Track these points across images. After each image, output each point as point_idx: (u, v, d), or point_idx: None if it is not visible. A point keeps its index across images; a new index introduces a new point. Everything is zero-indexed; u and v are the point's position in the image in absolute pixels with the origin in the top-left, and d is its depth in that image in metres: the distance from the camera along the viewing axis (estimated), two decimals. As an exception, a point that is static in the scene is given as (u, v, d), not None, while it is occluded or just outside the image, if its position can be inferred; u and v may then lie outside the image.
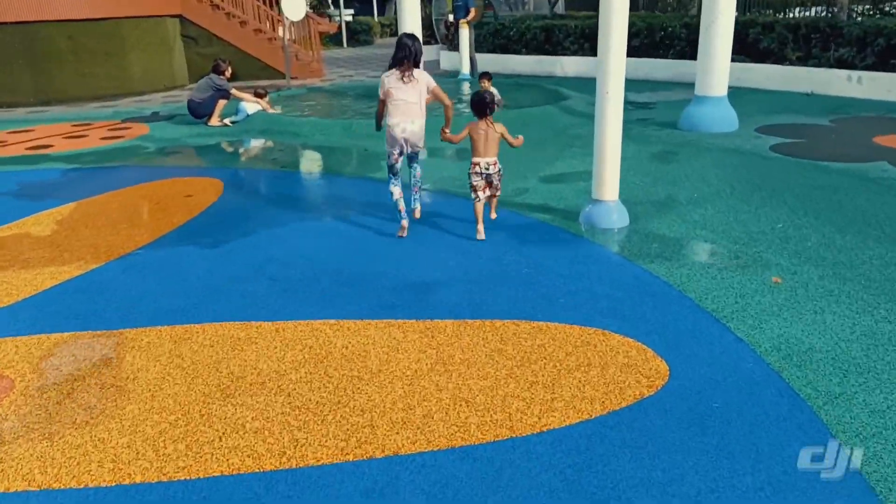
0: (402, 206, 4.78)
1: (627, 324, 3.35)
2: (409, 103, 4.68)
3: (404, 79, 4.70)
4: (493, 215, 5.04)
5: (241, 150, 7.95)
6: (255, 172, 6.87)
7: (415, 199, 5.09)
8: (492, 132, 4.71)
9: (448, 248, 4.47)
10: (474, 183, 4.69)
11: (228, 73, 9.29)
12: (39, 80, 12.26)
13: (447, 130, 4.86)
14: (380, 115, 4.88)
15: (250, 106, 9.48)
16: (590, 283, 3.85)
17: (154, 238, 4.84)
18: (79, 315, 3.64)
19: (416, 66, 4.79)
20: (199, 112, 9.21)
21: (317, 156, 7.58)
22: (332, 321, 3.48)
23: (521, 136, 4.88)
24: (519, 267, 4.12)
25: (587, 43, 13.93)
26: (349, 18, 27.94)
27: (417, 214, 5.06)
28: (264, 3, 15.14)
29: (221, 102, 9.22)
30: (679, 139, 7.67)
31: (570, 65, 14.01)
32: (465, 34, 13.10)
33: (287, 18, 12.80)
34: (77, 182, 6.53)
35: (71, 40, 12.43)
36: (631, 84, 12.36)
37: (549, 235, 4.70)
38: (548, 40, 14.50)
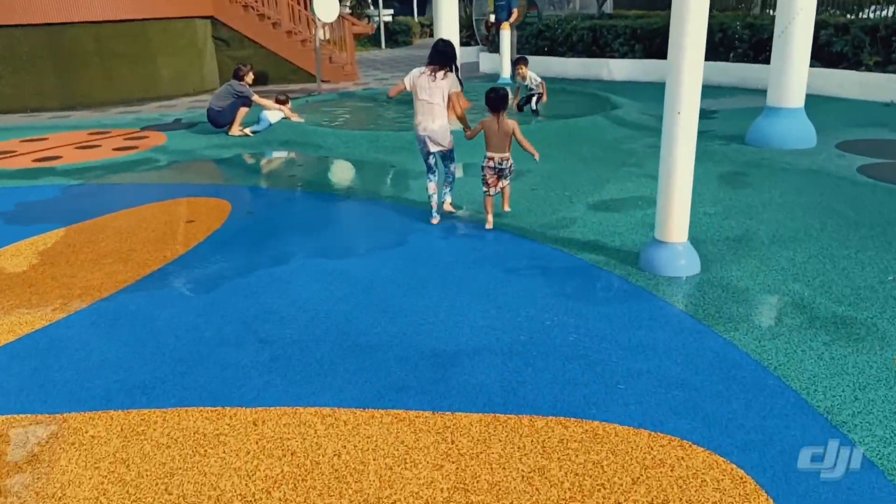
0: (434, 202, 5.11)
1: (713, 429, 2.51)
2: (431, 104, 4.89)
3: (431, 79, 4.87)
4: (507, 208, 5.22)
5: (257, 165, 7.29)
6: (268, 193, 6.19)
7: (444, 194, 5.29)
8: (504, 128, 4.80)
9: (478, 299, 3.68)
10: (487, 177, 4.89)
11: (250, 78, 8.66)
12: (65, 83, 11.88)
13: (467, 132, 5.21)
14: (395, 91, 5.14)
15: (273, 114, 8.84)
16: (657, 359, 3.02)
17: (138, 278, 4.17)
18: (22, 388, 2.96)
19: (450, 71, 4.96)
20: (218, 121, 8.61)
21: (338, 173, 6.87)
22: (326, 409, 2.73)
23: (537, 154, 4.95)
24: (565, 331, 3.30)
25: (638, 44, 12.97)
26: (388, 18, 27.34)
27: (447, 207, 5.25)
28: (298, 2, 14.58)
29: (242, 110, 8.60)
30: (750, 157, 6.73)
31: (619, 68, 13.07)
32: (506, 36, 12.28)
33: (319, 19, 12.17)
34: (75, 202, 5.94)
35: (97, 42, 12.02)
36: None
37: (601, 285, 3.87)
38: (595, 42, 13.57)
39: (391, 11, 28.50)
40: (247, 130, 8.57)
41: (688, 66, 3.74)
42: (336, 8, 12.33)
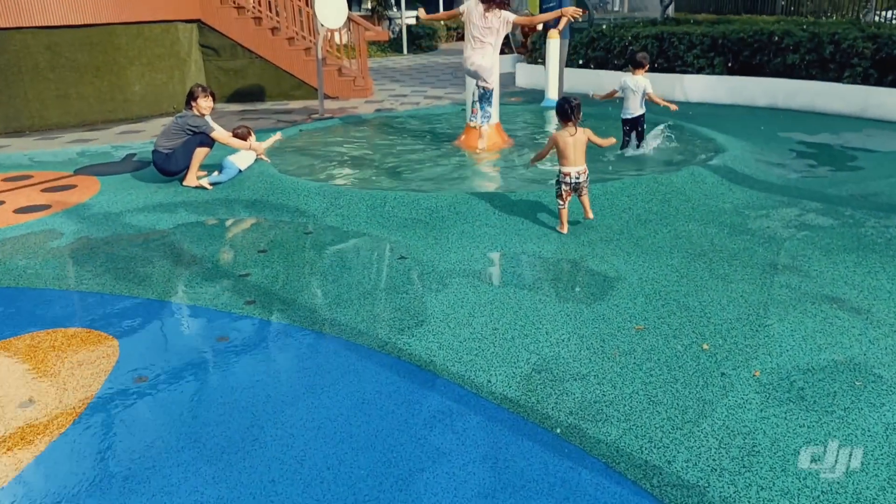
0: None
1: None
2: (482, 42, 5.22)
3: (486, 16, 5.13)
4: (590, 215, 4.87)
5: (198, 250, 4.89)
6: (194, 317, 3.77)
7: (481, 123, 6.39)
8: (579, 138, 4.67)
9: None
10: (563, 192, 4.73)
11: (209, 106, 6.28)
12: (8, 102, 9.63)
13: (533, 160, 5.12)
14: (433, 17, 5.88)
15: (243, 157, 6.46)
16: None
17: None
18: None
19: (503, 7, 5.45)
20: (167, 167, 6.24)
21: (316, 273, 4.44)
22: None
23: (611, 138, 4.93)
24: None
25: (718, 57, 10.37)
26: (411, 21, 24.95)
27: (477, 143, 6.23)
28: (304, 3, 12.23)
29: (200, 152, 6.23)
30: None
31: (694, 85, 10.49)
32: (554, 47, 9.77)
33: (322, 24, 9.79)
34: None
35: (51, 52, 9.76)
36: (786, 116, 8.74)
37: None
38: (661, 52, 11.01)
39: (415, 13, 26.10)
40: (205, 182, 6.18)
41: None
42: (344, 10, 9.94)
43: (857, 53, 8.84)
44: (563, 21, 9.73)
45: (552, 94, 10.00)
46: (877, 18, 11.66)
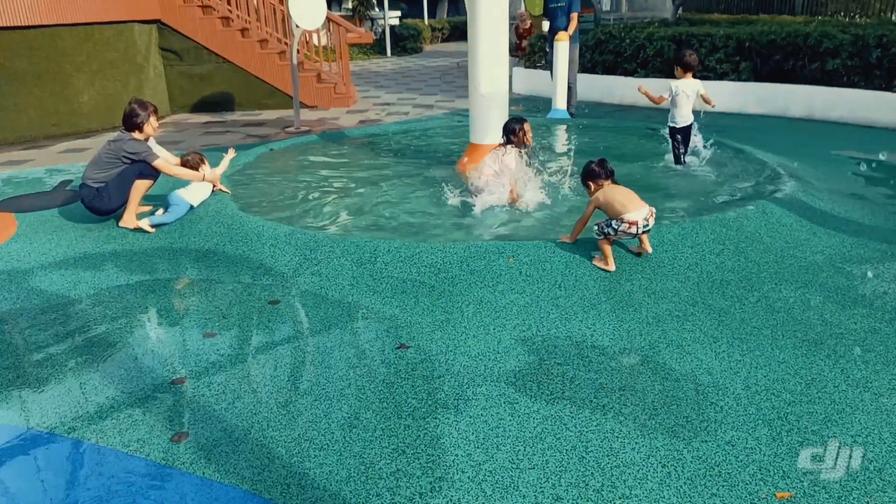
0: None
1: None
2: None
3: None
4: (650, 249, 4.00)
5: (115, 332, 3.61)
6: (91, 464, 2.51)
7: None
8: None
9: None
10: (617, 237, 3.86)
11: (152, 127, 4.99)
12: (-68, 117, 8.27)
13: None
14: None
15: (194, 191, 5.18)
16: None
17: None
18: None
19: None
20: (98, 205, 4.94)
21: (275, 383, 3.18)
22: None
23: None
24: None
25: (746, 62, 9.24)
26: (395, 22, 23.69)
27: None
28: (279, 1, 10.95)
29: (140, 186, 4.94)
30: None
31: (720, 93, 9.28)
32: (563, 50, 8.57)
33: (297, 25, 8.52)
34: None
35: (-18, 58, 8.41)
36: (828, 129, 7.61)
37: None
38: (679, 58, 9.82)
39: (398, 13, 24.86)
40: (146, 223, 4.88)
41: None
42: (322, 10, 8.69)
43: (912, 58, 7.74)
44: (573, 24, 8.58)
45: (560, 104, 8.80)
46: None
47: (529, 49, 12.35)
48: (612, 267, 3.87)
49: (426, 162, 6.67)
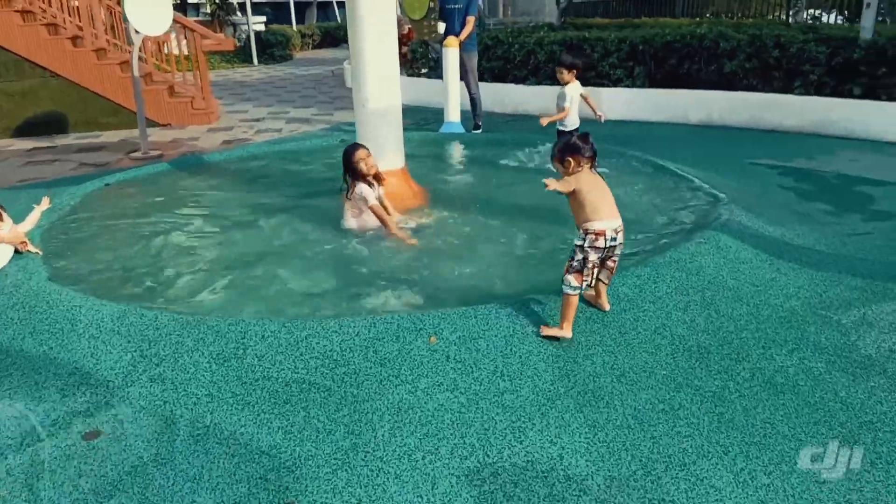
0: None
1: None
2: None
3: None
4: (607, 306, 3.19)
5: None
6: None
7: None
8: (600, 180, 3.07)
9: None
10: (588, 265, 2.93)
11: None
12: None
13: None
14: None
15: (-14, 257, 3.78)
16: None
17: None
18: None
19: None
20: None
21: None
22: None
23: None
24: None
25: (639, 67, 8.80)
26: (260, 28, 22.07)
27: None
28: (117, 2, 9.34)
29: None
30: None
31: (615, 100, 8.80)
32: (453, 57, 7.69)
33: (136, 31, 7.08)
34: None
35: None
36: (732, 136, 7.25)
37: None
38: (572, 62, 9.27)
39: (263, 19, 23.24)
40: None
41: None
42: (167, 13, 7.30)
43: (810, 59, 7.52)
44: (468, 28, 7.75)
45: (454, 116, 7.92)
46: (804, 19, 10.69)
47: (411, 56, 11.43)
48: (568, 333, 2.99)
49: (307, 192, 5.53)
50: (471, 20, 7.70)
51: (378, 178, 4.51)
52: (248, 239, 4.50)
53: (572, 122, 5.69)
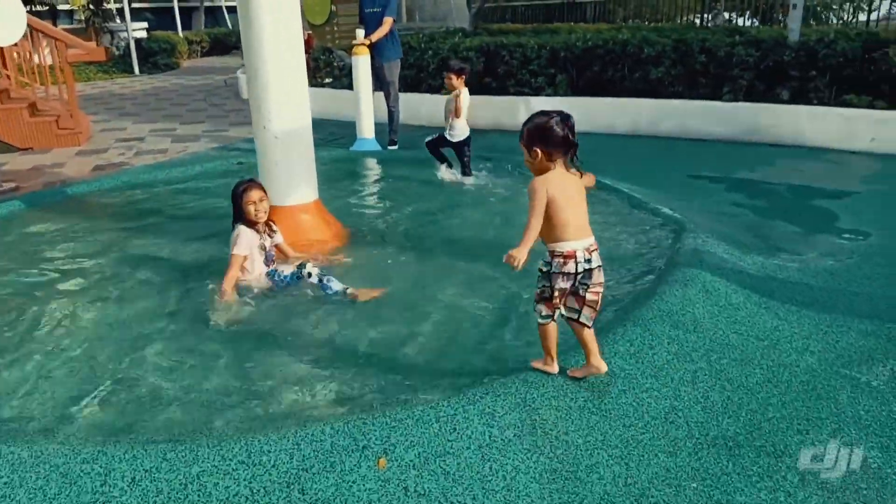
0: None
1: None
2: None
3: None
4: (604, 366, 2.49)
5: None
6: None
7: None
8: (577, 184, 2.44)
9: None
10: (556, 292, 2.37)
11: None
12: None
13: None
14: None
15: None
16: None
17: None
18: None
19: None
20: None
21: None
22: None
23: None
24: None
25: (561, 74, 8.30)
26: (142, 34, 20.31)
27: None
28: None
29: None
30: None
31: (536, 110, 8.23)
32: (364, 65, 6.87)
33: (-24, 39, 5.82)
34: None
35: None
36: (663, 146, 6.85)
37: None
38: (490, 70, 8.69)
39: (144, 25, 21.43)
40: None
41: None
42: (20, 20, 6.09)
43: (739, 63, 7.22)
44: (382, 30, 6.95)
45: (367, 132, 7.10)
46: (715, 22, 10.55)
47: (313, 64, 10.48)
48: (553, 368, 2.53)
49: (198, 236, 4.55)
50: (388, 21, 6.92)
51: (269, 226, 3.68)
52: (110, 309, 3.48)
53: (461, 131, 5.47)
